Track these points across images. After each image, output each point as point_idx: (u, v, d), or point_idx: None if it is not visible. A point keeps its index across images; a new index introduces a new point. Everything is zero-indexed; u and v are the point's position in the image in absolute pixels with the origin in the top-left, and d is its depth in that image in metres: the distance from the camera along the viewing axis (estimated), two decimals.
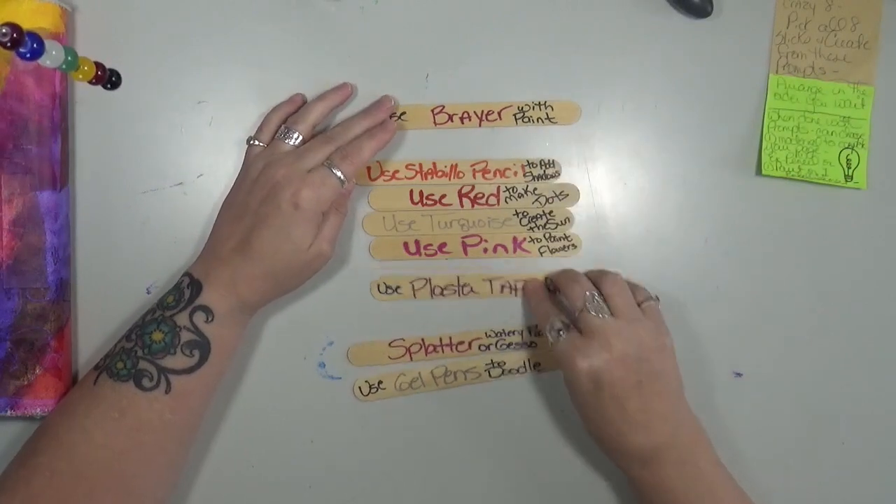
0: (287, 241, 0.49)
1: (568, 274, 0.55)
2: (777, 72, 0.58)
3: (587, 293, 0.52)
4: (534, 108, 0.57)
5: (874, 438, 0.59)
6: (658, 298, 0.54)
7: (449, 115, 0.57)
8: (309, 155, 0.51)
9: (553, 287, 0.56)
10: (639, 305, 0.53)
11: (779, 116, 0.58)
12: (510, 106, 0.57)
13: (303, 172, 0.50)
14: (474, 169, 0.57)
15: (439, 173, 0.57)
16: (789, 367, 0.58)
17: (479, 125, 0.57)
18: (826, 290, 0.59)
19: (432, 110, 0.57)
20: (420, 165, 0.57)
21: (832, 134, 0.59)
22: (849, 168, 0.59)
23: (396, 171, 0.57)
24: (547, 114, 0.57)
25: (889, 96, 0.59)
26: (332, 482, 0.57)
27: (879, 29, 0.59)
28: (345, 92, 0.56)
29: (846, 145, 0.59)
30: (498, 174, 0.58)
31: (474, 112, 0.57)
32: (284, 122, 0.54)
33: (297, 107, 0.55)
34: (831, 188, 0.59)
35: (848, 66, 0.59)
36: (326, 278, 0.57)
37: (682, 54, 0.58)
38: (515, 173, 0.58)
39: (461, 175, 0.57)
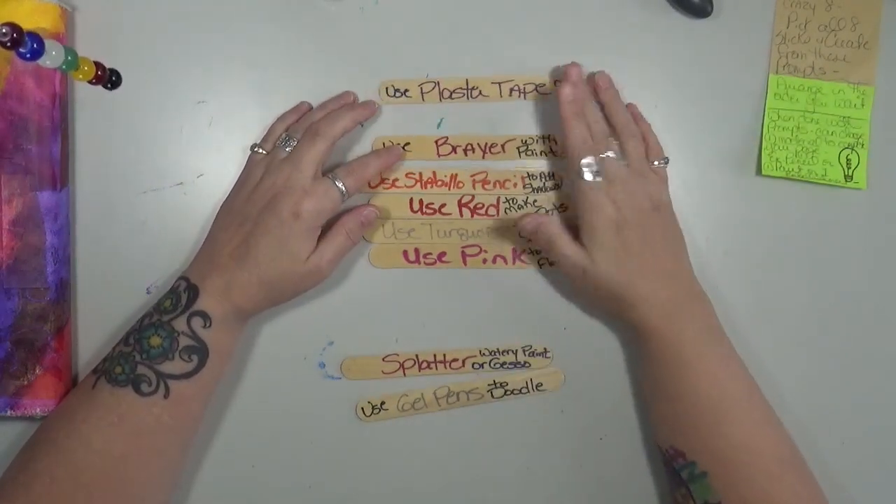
0: (284, 251, 0.49)
1: (592, 114, 0.54)
2: (777, 72, 0.59)
3: (610, 137, 0.53)
4: (537, 140, 0.57)
5: (874, 438, 0.59)
6: (668, 160, 0.55)
7: (452, 146, 0.57)
8: (303, 160, 0.50)
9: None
10: (651, 164, 0.54)
11: (779, 116, 0.58)
12: (514, 139, 0.57)
13: (304, 182, 0.50)
14: (474, 179, 0.57)
15: (439, 182, 0.57)
16: (789, 366, 0.58)
17: (483, 157, 0.57)
18: (826, 289, 0.59)
19: (436, 141, 0.57)
20: (420, 174, 0.57)
21: (832, 134, 0.59)
22: (849, 168, 0.59)
23: (396, 179, 0.57)
24: (550, 147, 0.58)
25: (889, 96, 0.59)
26: (332, 482, 0.57)
27: (879, 29, 0.59)
28: (346, 100, 0.56)
29: (846, 145, 0.59)
30: (498, 185, 0.57)
31: (478, 144, 0.57)
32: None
33: (303, 115, 0.55)
34: (831, 188, 0.59)
35: (848, 66, 0.59)
36: (327, 279, 0.57)
37: (682, 54, 0.58)
38: (515, 184, 0.58)
39: (461, 185, 0.57)
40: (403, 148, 0.57)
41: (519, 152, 0.57)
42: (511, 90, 0.57)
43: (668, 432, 0.52)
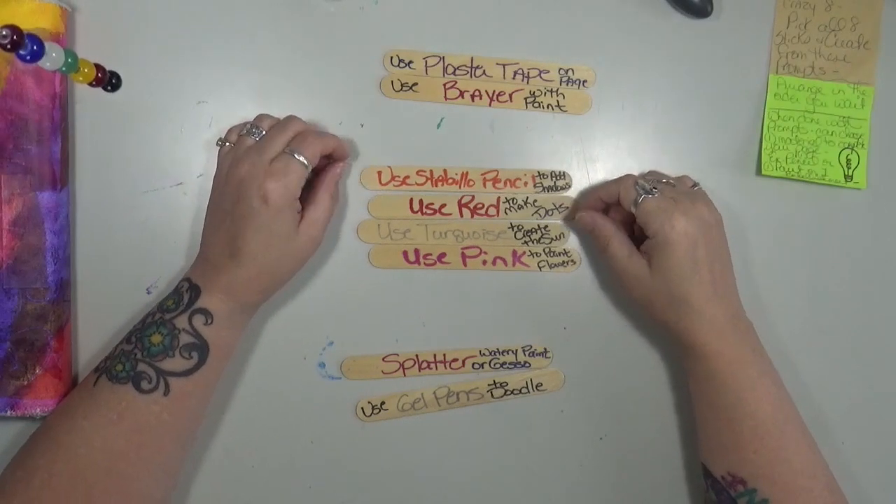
0: (273, 236, 0.49)
1: (618, 178, 0.56)
2: (777, 72, 0.58)
3: (656, 176, 0.54)
4: (545, 93, 0.57)
5: (874, 438, 0.59)
6: (699, 184, 0.56)
7: (460, 91, 0.57)
8: (268, 146, 0.50)
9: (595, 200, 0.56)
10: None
11: (779, 116, 0.58)
12: (522, 89, 0.57)
13: (265, 164, 0.49)
14: (485, 178, 0.57)
15: (450, 181, 0.57)
16: (789, 366, 0.58)
17: (490, 105, 0.57)
18: (826, 289, 0.59)
19: (444, 84, 0.57)
20: (431, 172, 0.57)
21: (832, 134, 0.59)
22: (849, 168, 0.59)
23: (407, 177, 0.57)
24: (558, 101, 0.57)
25: (889, 96, 0.59)
26: (332, 482, 0.57)
27: (879, 29, 0.59)
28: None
29: (846, 145, 0.59)
30: (508, 184, 0.57)
31: (486, 91, 0.57)
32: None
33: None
34: (831, 188, 0.59)
35: (848, 66, 0.59)
36: (327, 279, 0.57)
37: (682, 54, 0.58)
38: (526, 184, 0.58)
39: (472, 183, 0.57)
40: (412, 88, 0.57)
41: (526, 103, 0.57)
42: (515, 73, 0.57)
43: (726, 458, 0.50)
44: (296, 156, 0.49)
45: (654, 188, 0.51)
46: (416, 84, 0.57)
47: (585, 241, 0.58)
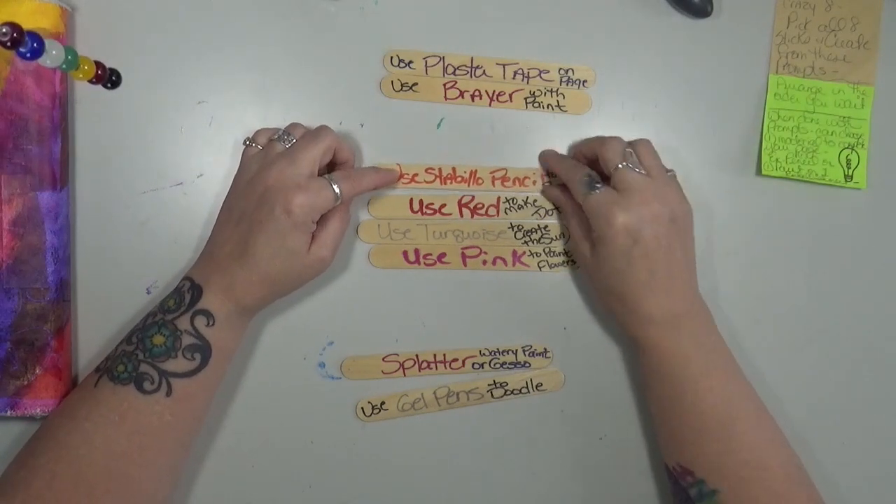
0: (282, 247, 0.49)
1: (599, 137, 0.55)
2: (777, 72, 0.59)
3: (626, 149, 0.52)
4: (545, 94, 0.57)
5: (874, 438, 0.59)
6: (674, 172, 0.54)
7: (460, 91, 0.57)
8: (299, 157, 0.49)
9: (576, 154, 0.57)
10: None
11: (779, 116, 0.58)
12: (522, 89, 0.57)
13: (297, 178, 0.49)
14: (493, 176, 0.57)
15: (458, 178, 0.57)
16: (789, 366, 0.58)
17: (490, 105, 0.57)
18: (826, 289, 0.59)
19: (444, 84, 0.57)
20: (440, 170, 0.57)
21: (832, 134, 0.59)
22: (849, 168, 0.59)
23: (416, 175, 0.57)
24: (558, 101, 0.57)
25: (889, 96, 0.59)
26: (332, 482, 0.57)
27: (879, 29, 0.59)
28: (352, 160, 0.55)
29: (846, 145, 0.59)
30: (517, 182, 0.57)
31: (486, 91, 0.57)
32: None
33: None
34: (831, 188, 0.59)
35: (848, 66, 0.59)
36: (327, 279, 0.57)
37: (682, 54, 0.58)
38: (535, 182, 0.58)
39: (480, 182, 0.57)
40: (412, 88, 0.57)
41: (526, 103, 0.57)
42: (515, 73, 0.57)
43: (676, 450, 0.51)
44: (333, 185, 0.50)
45: (598, 184, 0.51)
46: (416, 84, 0.57)
47: None
